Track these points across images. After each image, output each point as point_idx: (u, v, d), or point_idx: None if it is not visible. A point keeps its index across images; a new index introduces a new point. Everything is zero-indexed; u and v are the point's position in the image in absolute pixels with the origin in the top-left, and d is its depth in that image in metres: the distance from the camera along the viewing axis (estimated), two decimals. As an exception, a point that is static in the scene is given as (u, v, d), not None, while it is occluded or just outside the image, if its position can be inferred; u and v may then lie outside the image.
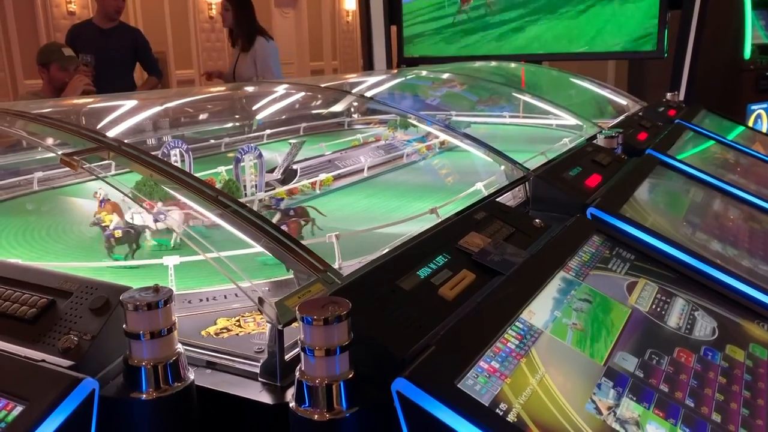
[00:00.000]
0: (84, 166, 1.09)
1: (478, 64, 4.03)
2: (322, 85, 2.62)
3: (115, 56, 4.19)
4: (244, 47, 4.44)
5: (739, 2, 4.84)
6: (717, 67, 4.60)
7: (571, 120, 2.61)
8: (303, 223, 1.64)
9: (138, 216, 1.61)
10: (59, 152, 1.10)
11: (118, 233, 1.52)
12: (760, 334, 1.15)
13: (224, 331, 1.10)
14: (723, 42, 4.65)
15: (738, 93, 5.21)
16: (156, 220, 1.60)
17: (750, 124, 5.08)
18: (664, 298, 1.16)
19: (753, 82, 5.33)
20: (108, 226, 1.55)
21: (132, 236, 1.52)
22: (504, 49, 4.74)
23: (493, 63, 4.07)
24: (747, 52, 5.19)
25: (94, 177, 1.98)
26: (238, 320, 1.14)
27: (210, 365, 0.95)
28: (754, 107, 5.40)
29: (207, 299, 1.23)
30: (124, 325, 0.80)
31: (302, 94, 2.47)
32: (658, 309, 1.11)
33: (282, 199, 1.83)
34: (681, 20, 4.26)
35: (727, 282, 1.31)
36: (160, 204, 1.56)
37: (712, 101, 3.67)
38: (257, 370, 0.90)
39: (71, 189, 2.19)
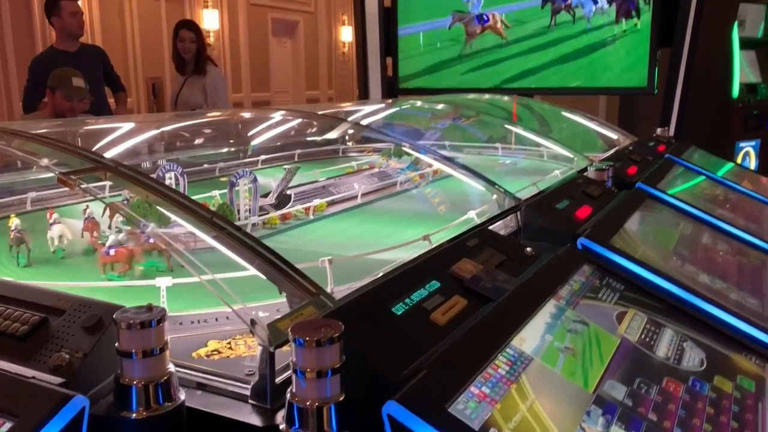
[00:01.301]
0: (81, 186, 1.10)
1: (471, 96, 4.08)
2: (320, 113, 2.65)
3: (92, 78, 4.08)
4: (197, 71, 4.48)
5: (727, 42, 4.96)
6: (706, 104, 4.70)
7: (562, 152, 2.65)
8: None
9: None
10: (57, 171, 1.11)
11: (12, 235, 1.68)
12: (748, 367, 1.16)
13: (215, 353, 1.10)
14: (712, 80, 4.75)
15: (726, 130, 5.30)
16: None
17: (738, 161, 5.15)
18: (653, 328, 1.17)
19: (741, 121, 5.42)
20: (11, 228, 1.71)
21: (18, 241, 1.67)
22: (498, 83, 4.83)
23: (487, 96, 4.13)
24: (735, 91, 5.30)
25: (87, 198, 1.99)
26: (229, 343, 1.15)
27: (200, 386, 0.94)
28: (742, 145, 5.49)
29: (198, 321, 1.23)
30: (116, 344, 0.80)
31: (298, 120, 2.49)
32: (647, 339, 1.12)
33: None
34: (671, 58, 4.35)
35: (716, 314, 1.32)
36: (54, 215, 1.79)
37: (701, 138, 3.74)
38: (247, 392, 0.90)
39: (64, 210, 2.19)
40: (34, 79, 4.04)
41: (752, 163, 5.53)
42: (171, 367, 0.84)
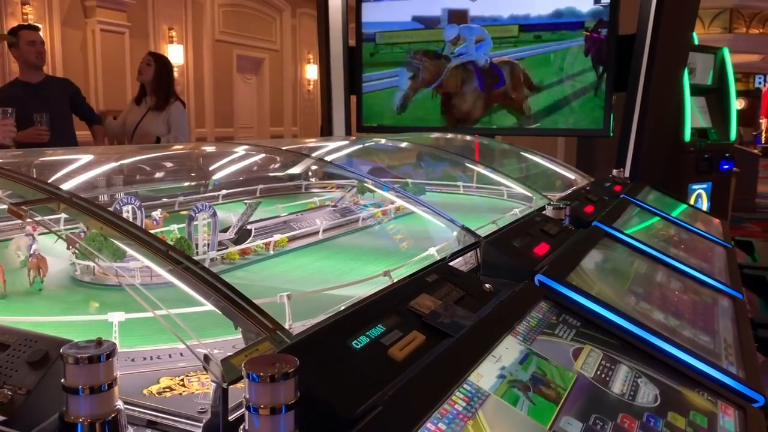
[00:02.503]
0: (36, 219, 1.08)
1: (434, 135, 4.15)
2: (283, 148, 2.65)
3: (55, 110, 4.04)
4: (158, 106, 4.38)
5: (678, 88, 5.16)
6: (660, 147, 4.85)
7: (521, 191, 2.69)
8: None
9: None
10: (8, 202, 1.08)
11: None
12: (700, 402, 1.18)
13: (167, 390, 1.07)
14: (665, 124, 4.92)
15: (679, 173, 5.47)
16: None
17: (691, 202, 5.32)
18: (608, 364, 1.18)
19: (693, 164, 5.62)
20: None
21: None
22: (459, 122, 4.91)
23: (449, 135, 4.20)
24: (687, 135, 5.50)
25: (41, 232, 1.93)
26: (182, 380, 1.12)
27: (150, 425, 0.92)
28: (695, 187, 5.67)
29: (151, 358, 1.20)
30: (62, 380, 0.78)
31: (261, 155, 2.49)
32: (603, 375, 1.14)
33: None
34: (625, 102, 4.50)
35: (669, 351, 1.35)
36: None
37: (655, 179, 3.85)
38: (199, 431, 0.88)
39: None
40: None
41: (704, 205, 5.71)
42: (119, 405, 0.81)
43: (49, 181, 1.70)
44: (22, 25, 4.37)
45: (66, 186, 1.70)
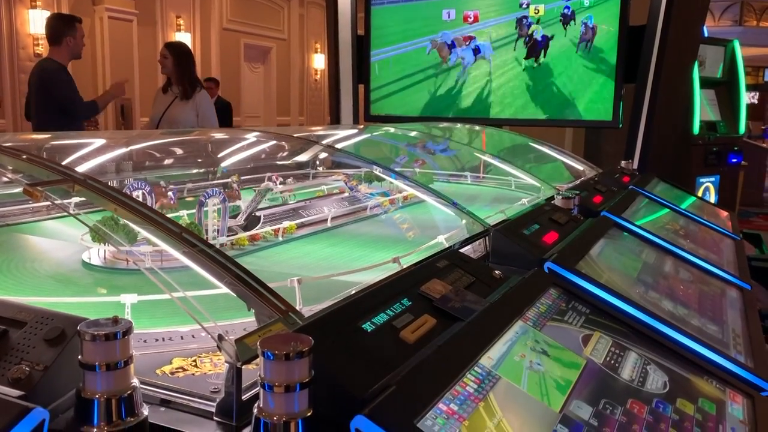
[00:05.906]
0: (55, 202, 1.08)
1: (442, 124, 4.14)
2: (294, 135, 2.65)
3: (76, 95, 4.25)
4: (185, 95, 4.39)
5: (688, 81, 5.13)
6: (669, 139, 4.83)
7: (529, 181, 2.69)
8: None
9: None
10: (23, 183, 1.09)
11: None
12: (709, 390, 1.19)
13: (180, 370, 1.08)
14: (674, 117, 4.90)
15: (688, 165, 5.45)
16: None
17: (699, 195, 5.30)
18: (617, 351, 1.19)
19: (701, 157, 5.60)
20: None
21: None
22: (467, 112, 4.92)
23: (458, 125, 4.19)
24: (696, 128, 5.47)
25: (51, 216, 1.94)
26: (195, 360, 1.13)
27: (164, 403, 0.93)
28: (702, 180, 5.66)
29: (163, 339, 1.21)
30: (79, 356, 0.79)
31: (271, 142, 2.49)
32: (612, 361, 1.14)
33: None
34: (635, 94, 4.48)
35: (678, 339, 1.35)
36: None
37: (663, 172, 3.84)
38: (212, 410, 0.89)
39: (27, 227, 2.14)
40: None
41: (712, 198, 5.69)
42: (135, 382, 0.82)
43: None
44: (75, 17, 4.43)
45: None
